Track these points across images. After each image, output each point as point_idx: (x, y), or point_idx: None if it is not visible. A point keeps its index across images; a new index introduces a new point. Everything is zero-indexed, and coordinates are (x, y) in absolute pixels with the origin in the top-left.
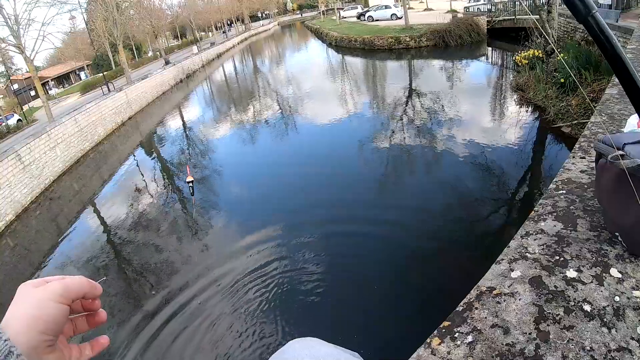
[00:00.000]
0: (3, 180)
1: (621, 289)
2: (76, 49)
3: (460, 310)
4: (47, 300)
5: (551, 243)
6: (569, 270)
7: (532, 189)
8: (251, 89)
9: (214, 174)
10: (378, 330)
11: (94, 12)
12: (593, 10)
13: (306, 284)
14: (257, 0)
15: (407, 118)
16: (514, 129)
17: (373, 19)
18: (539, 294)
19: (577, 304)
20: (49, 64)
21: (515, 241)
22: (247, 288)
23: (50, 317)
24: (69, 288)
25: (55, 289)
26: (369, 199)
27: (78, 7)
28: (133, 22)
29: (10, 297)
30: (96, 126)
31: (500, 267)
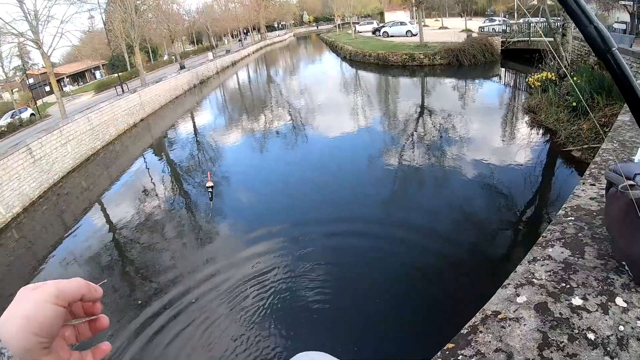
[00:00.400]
0: (13, 173)
1: (626, 319)
2: (93, 48)
3: (465, 333)
4: (41, 302)
5: (558, 270)
6: (575, 298)
7: (539, 213)
8: (264, 98)
9: (222, 180)
10: (378, 347)
11: (112, 13)
12: (613, 47)
13: (307, 295)
14: (274, 11)
15: (417, 135)
16: (524, 151)
17: (388, 34)
18: (544, 320)
19: (581, 332)
20: (65, 61)
21: (522, 266)
22: (246, 294)
23: (44, 318)
24: (65, 289)
25: (50, 290)
26: (376, 214)
27: (97, 7)
28: (151, 25)
29: (10, 289)
30: (108, 126)
31: (507, 291)
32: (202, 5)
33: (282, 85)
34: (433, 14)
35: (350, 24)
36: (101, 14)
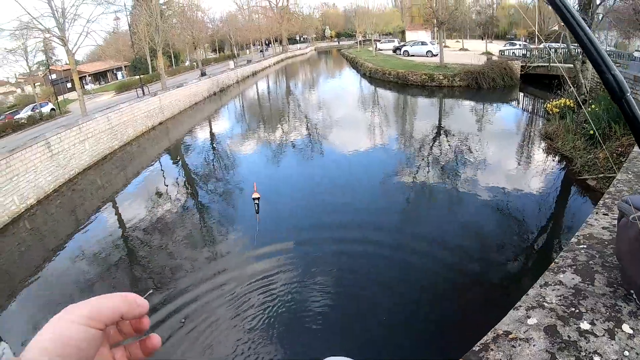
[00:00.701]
0: (30, 165)
1: (631, 344)
2: (117, 49)
3: (477, 350)
4: (70, 323)
5: (568, 295)
6: (583, 322)
7: (551, 239)
8: (282, 110)
9: (236, 189)
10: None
11: (138, 16)
12: (627, 93)
13: (314, 305)
14: (296, 24)
15: (433, 156)
16: (539, 178)
17: (409, 53)
18: (553, 342)
19: (588, 355)
20: (88, 60)
21: (534, 290)
22: (253, 299)
23: (71, 341)
24: (100, 309)
25: (81, 311)
26: (388, 229)
27: (124, 9)
28: (175, 30)
29: (18, 278)
30: (127, 126)
31: (518, 313)
32: (226, 14)
33: (301, 98)
34: (454, 35)
35: (372, 41)
36: (127, 16)
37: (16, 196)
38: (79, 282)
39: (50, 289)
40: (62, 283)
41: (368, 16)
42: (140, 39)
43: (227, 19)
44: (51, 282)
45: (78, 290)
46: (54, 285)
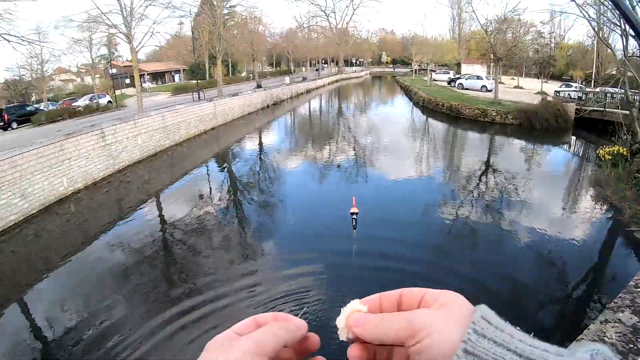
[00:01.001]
0: (82, 151)
1: None
2: (178, 52)
3: None
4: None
5: (627, 332)
6: None
7: (590, 289)
8: (331, 130)
9: (277, 202)
10: None
11: (201, 23)
12: None
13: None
14: (354, 47)
15: (477, 192)
16: (584, 225)
17: (463, 86)
18: None
19: None
20: (148, 59)
21: (595, 325)
22: (279, 308)
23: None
24: (264, 343)
25: (248, 348)
26: (423, 263)
27: (189, 14)
28: (235, 40)
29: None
30: (180, 127)
31: None
32: (286, 30)
33: (352, 121)
34: (510, 72)
35: (427, 70)
36: (191, 21)
37: (65, 179)
38: (112, 269)
39: (82, 271)
40: (96, 267)
41: (425, 45)
42: (201, 45)
43: (286, 35)
44: (85, 265)
45: (110, 276)
46: (87, 268)
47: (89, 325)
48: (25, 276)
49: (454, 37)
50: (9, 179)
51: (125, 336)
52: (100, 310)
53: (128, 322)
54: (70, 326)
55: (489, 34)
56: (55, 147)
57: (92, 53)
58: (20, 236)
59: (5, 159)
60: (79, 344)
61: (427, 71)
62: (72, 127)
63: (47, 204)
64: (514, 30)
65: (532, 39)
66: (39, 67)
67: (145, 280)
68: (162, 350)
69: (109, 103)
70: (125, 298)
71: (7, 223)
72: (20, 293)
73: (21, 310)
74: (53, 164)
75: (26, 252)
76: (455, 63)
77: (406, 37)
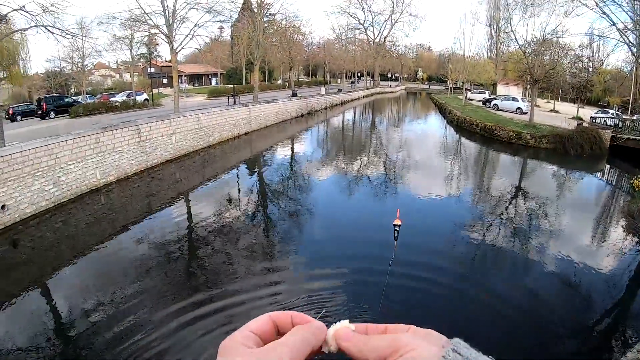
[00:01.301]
0: (117, 145)
1: None
2: (216, 56)
3: None
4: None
5: None
6: None
7: (616, 322)
8: (363, 143)
9: (305, 210)
10: None
11: (241, 29)
12: None
13: None
14: (390, 61)
15: (506, 216)
16: (614, 256)
17: (498, 107)
18: None
19: None
20: (186, 61)
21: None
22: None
23: None
24: (299, 350)
25: (285, 356)
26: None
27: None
28: (273, 48)
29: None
30: (214, 130)
31: None
32: (323, 41)
33: (384, 135)
34: (546, 95)
35: (463, 89)
36: (230, 27)
37: (99, 171)
38: (135, 261)
39: (107, 261)
40: (119, 258)
41: (461, 64)
42: (240, 50)
43: (324, 46)
44: (110, 255)
45: (133, 267)
46: (111, 258)
47: (108, 313)
48: (51, 261)
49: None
50: (43, 166)
51: (143, 325)
52: (121, 299)
53: (147, 312)
54: (90, 312)
55: (527, 55)
56: (91, 139)
57: (132, 51)
58: (49, 222)
59: (42, 147)
60: (97, 329)
61: (462, 90)
62: (108, 121)
63: (78, 194)
64: (552, 52)
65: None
66: (80, 61)
67: (166, 273)
68: (178, 341)
69: (146, 101)
70: (146, 289)
71: (38, 208)
72: (45, 277)
73: (44, 294)
74: (87, 155)
75: (54, 237)
76: (491, 83)
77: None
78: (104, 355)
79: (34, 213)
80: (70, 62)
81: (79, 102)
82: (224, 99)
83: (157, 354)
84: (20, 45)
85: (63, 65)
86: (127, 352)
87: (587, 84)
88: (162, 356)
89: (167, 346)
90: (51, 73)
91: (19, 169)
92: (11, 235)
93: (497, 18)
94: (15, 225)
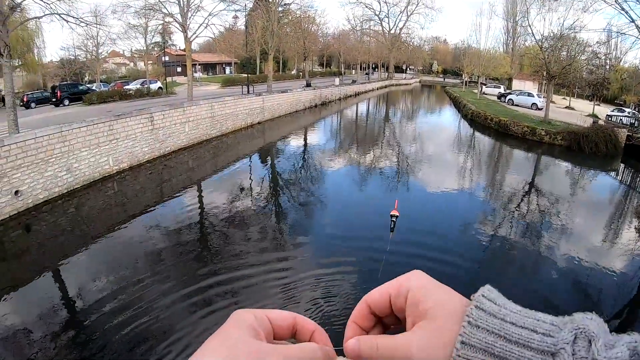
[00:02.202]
0: (130, 133)
1: None
2: (230, 45)
3: None
4: None
5: None
6: None
7: (625, 325)
8: (377, 135)
9: (316, 201)
10: None
11: (255, 19)
12: None
13: None
14: (405, 53)
15: (518, 213)
16: (624, 258)
17: (513, 102)
18: None
19: None
20: (200, 49)
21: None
22: (302, 295)
23: None
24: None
25: None
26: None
27: (244, 9)
28: (288, 38)
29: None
30: (227, 119)
31: None
32: (338, 31)
33: (398, 128)
34: (562, 91)
35: (478, 83)
36: (245, 16)
37: (111, 158)
38: (146, 249)
39: (118, 247)
40: (131, 244)
41: (477, 57)
42: (254, 40)
43: (339, 36)
44: (122, 241)
45: (144, 254)
46: (123, 244)
47: (119, 297)
48: (63, 246)
49: (507, 51)
50: (57, 153)
51: (153, 310)
52: (132, 284)
53: (158, 297)
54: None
55: (544, 50)
56: (105, 126)
57: (146, 39)
58: (62, 208)
59: (55, 134)
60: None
61: (477, 84)
62: (122, 108)
63: (91, 180)
64: (570, 48)
65: (587, 59)
66: (94, 49)
67: (178, 259)
68: (189, 324)
69: (160, 89)
70: (157, 275)
71: (51, 194)
72: (58, 262)
73: (56, 278)
74: (101, 142)
75: (67, 223)
76: (506, 78)
77: (459, 47)
78: (116, 339)
79: (47, 199)
80: (85, 50)
81: (93, 89)
82: (237, 88)
83: (168, 338)
84: (35, 33)
85: (77, 53)
86: (138, 336)
87: (604, 82)
88: (172, 339)
89: (177, 329)
90: (66, 61)
91: (33, 155)
92: (24, 220)
93: (514, 11)
94: (29, 210)
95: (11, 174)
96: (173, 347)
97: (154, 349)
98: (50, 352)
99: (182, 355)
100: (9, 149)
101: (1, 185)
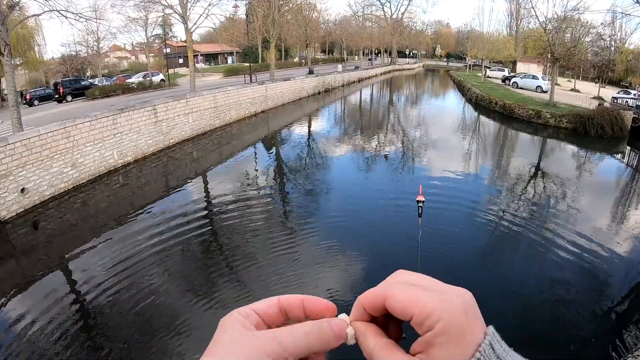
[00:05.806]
0: (134, 126)
1: None
2: (231, 34)
3: None
4: None
5: None
6: None
7: (633, 306)
8: (381, 121)
9: (322, 187)
10: None
11: (256, 7)
12: None
13: None
14: (408, 38)
15: (524, 197)
16: (632, 240)
17: (517, 85)
18: None
19: None
20: (202, 40)
21: None
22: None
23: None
24: (288, 349)
25: (271, 350)
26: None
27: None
28: (289, 26)
29: (101, 224)
30: (230, 109)
31: None
32: (340, 17)
33: (402, 113)
34: (566, 74)
35: (482, 67)
36: (246, 5)
37: (116, 151)
38: (152, 239)
39: (126, 241)
40: (138, 237)
41: (481, 41)
42: (255, 29)
43: (340, 23)
44: (129, 234)
45: (149, 246)
46: (130, 237)
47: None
48: (71, 242)
49: (511, 33)
50: (61, 148)
51: (162, 302)
52: (140, 278)
53: (166, 290)
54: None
55: (548, 32)
56: (108, 120)
57: (147, 32)
58: (68, 203)
59: (59, 130)
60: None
61: (481, 67)
62: (125, 102)
63: (96, 175)
64: (574, 30)
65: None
66: (95, 44)
67: (183, 250)
68: (197, 317)
69: (162, 81)
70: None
71: (57, 190)
72: (66, 257)
73: (65, 274)
74: (105, 136)
75: (73, 218)
76: (510, 61)
77: (462, 31)
78: (124, 333)
79: (53, 195)
80: (86, 46)
81: (95, 84)
82: (240, 78)
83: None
84: (35, 30)
85: (78, 49)
86: (147, 329)
87: (609, 64)
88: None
89: (185, 322)
90: (67, 57)
91: (38, 152)
92: (31, 217)
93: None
94: (35, 207)
95: (17, 172)
96: (183, 339)
97: (164, 340)
98: (60, 347)
99: (195, 349)
100: (14, 147)
101: (7, 184)
